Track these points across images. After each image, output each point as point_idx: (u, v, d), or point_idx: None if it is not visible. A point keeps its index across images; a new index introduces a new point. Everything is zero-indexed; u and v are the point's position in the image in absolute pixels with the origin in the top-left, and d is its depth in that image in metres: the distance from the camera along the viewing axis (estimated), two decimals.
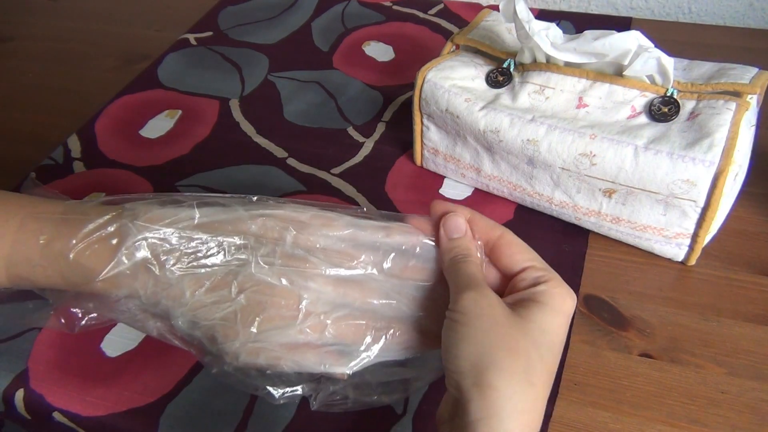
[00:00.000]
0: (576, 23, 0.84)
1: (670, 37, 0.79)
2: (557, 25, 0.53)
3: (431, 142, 0.61)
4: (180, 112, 0.75)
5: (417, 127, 0.61)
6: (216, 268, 0.37)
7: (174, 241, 0.37)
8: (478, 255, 0.37)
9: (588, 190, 0.52)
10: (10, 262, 0.38)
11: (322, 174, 0.65)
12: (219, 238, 0.37)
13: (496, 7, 0.59)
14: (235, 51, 0.85)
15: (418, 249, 0.38)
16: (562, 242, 0.56)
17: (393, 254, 0.38)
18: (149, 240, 0.37)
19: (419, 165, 0.64)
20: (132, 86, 0.80)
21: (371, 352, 0.36)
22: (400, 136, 0.68)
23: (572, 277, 0.53)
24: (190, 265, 0.37)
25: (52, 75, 0.85)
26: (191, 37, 0.88)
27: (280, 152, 0.68)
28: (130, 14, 0.96)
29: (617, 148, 0.49)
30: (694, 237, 0.51)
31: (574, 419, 0.44)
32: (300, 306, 0.36)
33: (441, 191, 0.62)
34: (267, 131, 0.71)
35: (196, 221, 0.38)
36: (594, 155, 0.49)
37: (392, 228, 0.39)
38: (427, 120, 0.60)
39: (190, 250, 0.37)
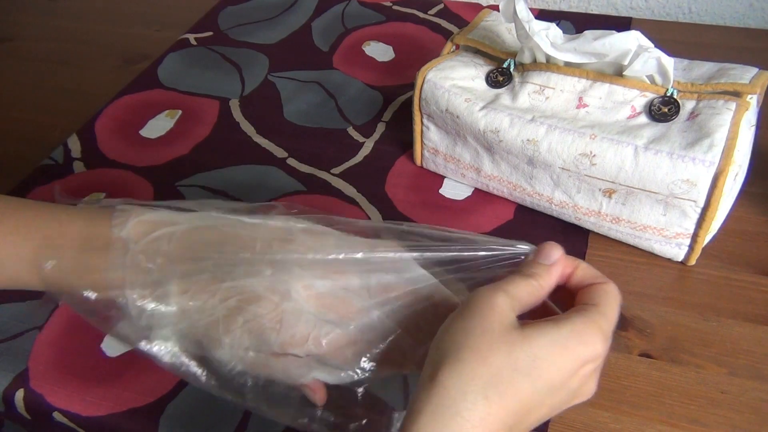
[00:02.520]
0: (576, 23, 0.84)
1: (670, 37, 0.79)
2: (557, 25, 0.53)
3: (431, 142, 0.61)
4: (180, 112, 0.75)
5: (417, 127, 0.61)
6: (203, 275, 0.37)
7: (163, 245, 0.38)
8: (545, 292, 0.34)
9: (588, 190, 0.52)
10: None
11: (322, 174, 0.65)
12: (206, 246, 0.38)
13: (496, 7, 0.59)
14: (235, 51, 0.85)
15: (402, 267, 0.38)
16: (562, 242, 0.56)
17: (378, 273, 0.38)
18: (137, 244, 0.37)
19: (419, 165, 0.64)
20: (132, 86, 0.80)
21: (353, 368, 0.37)
22: (400, 136, 0.68)
23: None
24: (177, 271, 0.37)
25: (52, 75, 0.85)
26: (191, 37, 0.88)
27: (280, 152, 0.68)
28: (130, 14, 0.96)
29: (617, 148, 0.49)
30: (694, 237, 0.51)
31: (574, 419, 0.44)
32: (281, 318, 0.36)
33: (441, 191, 0.62)
34: (267, 131, 0.71)
35: (185, 226, 0.38)
36: (594, 155, 0.49)
37: (378, 246, 0.38)
38: (427, 120, 0.60)
39: (176, 254, 0.38)
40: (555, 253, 0.36)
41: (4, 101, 0.81)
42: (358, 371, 0.37)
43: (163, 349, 0.38)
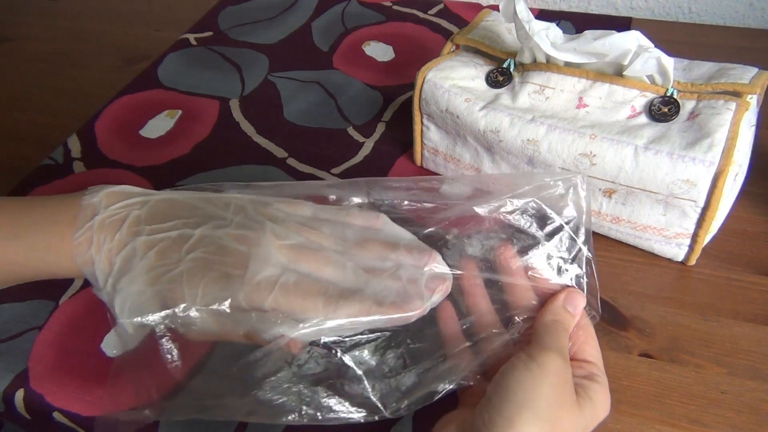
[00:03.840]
0: (576, 23, 0.84)
1: (670, 37, 0.79)
2: (557, 25, 0.53)
3: (431, 142, 0.61)
4: (180, 112, 0.75)
5: (417, 127, 0.61)
6: (171, 233, 0.36)
7: (134, 210, 0.37)
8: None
9: (588, 190, 0.52)
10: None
11: (322, 174, 0.65)
12: (178, 211, 0.37)
13: (496, 7, 0.59)
14: (235, 51, 0.85)
15: (379, 227, 0.38)
16: None
17: (352, 229, 0.38)
18: (107, 208, 0.37)
19: (419, 165, 0.64)
20: (132, 86, 0.80)
21: (323, 320, 0.34)
22: (400, 136, 0.68)
23: None
24: (146, 229, 0.36)
25: (52, 75, 0.85)
26: (191, 37, 0.88)
27: (280, 152, 0.68)
28: (130, 14, 0.96)
29: (617, 148, 0.49)
30: (694, 237, 0.51)
31: None
32: (248, 263, 0.34)
33: (441, 191, 0.62)
34: (267, 131, 0.71)
35: (160, 196, 0.38)
36: (594, 155, 0.49)
37: (354, 211, 0.39)
38: (427, 120, 0.60)
39: (146, 217, 0.37)
40: (581, 303, 0.39)
41: (4, 101, 0.81)
42: (329, 324, 0.35)
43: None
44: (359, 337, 0.37)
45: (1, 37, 0.94)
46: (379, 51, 0.82)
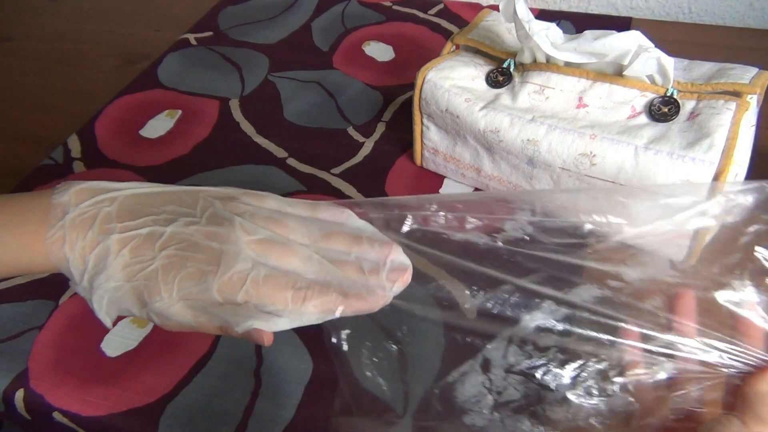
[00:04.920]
0: (576, 23, 0.84)
1: (670, 37, 0.79)
2: (557, 25, 0.53)
3: (431, 142, 0.61)
4: (180, 112, 0.75)
5: (417, 127, 0.61)
6: (142, 230, 0.37)
7: (104, 206, 0.38)
8: None
9: None
10: None
11: (322, 174, 0.65)
12: (147, 207, 0.38)
13: (496, 7, 0.59)
14: (235, 51, 0.85)
15: (343, 221, 0.40)
16: None
17: (318, 223, 0.39)
18: (77, 206, 0.38)
19: (419, 165, 0.64)
20: (132, 86, 0.80)
21: (292, 311, 0.36)
22: (400, 136, 0.68)
23: None
24: (117, 227, 0.37)
25: (52, 75, 0.85)
26: (191, 37, 0.88)
27: (280, 152, 0.68)
28: (130, 14, 0.96)
29: (617, 148, 0.49)
30: (695, 237, 0.51)
31: None
32: (220, 260, 0.36)
33: (441, 191, 0.62)
34: (267, 131, 0.71)
35: (128, 191, 0.39)
36: (594, 155, 0.49)
37: (319, 205, 0.40)
38: (427, 120, 0.60)
39: (117, 214, 0.38)
40: None
41: (4, 101, 0.81)
42: (299, 314, 0.36)
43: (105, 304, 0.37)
44: (554, 356, 0.37)
45: (1, 37, 0.94)
46: (379, 51, 0.82)
